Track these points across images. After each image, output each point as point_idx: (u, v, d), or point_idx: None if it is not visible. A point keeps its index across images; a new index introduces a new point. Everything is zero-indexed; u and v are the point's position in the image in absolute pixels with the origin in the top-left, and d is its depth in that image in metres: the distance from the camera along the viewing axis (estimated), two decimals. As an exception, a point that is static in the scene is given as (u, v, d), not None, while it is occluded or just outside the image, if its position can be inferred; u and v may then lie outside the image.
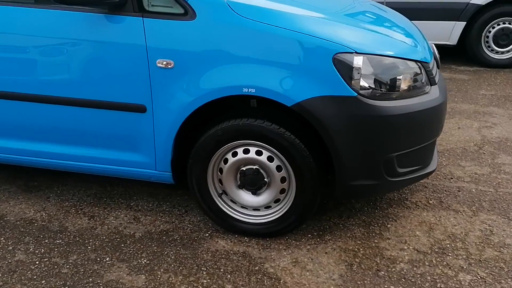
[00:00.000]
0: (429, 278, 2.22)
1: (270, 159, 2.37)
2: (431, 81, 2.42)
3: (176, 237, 2.58)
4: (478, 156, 3.48)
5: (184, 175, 2.60)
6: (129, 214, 2.80)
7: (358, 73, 2.15)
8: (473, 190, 3.00)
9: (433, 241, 2.49)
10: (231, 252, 2.44)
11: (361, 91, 2.17)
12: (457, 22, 5.68)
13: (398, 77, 2.24)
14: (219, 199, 2.53)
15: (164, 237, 2.58)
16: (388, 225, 2.64)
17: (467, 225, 2.63)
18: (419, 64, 2.33)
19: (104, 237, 2.58)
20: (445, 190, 3.00)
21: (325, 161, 2.36)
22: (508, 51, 5.79)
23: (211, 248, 2.47)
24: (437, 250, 2.42)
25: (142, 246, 2.50)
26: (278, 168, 2.38)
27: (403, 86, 2.26)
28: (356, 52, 2.15)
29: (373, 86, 2.19)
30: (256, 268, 2.32)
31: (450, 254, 2.38)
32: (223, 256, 2.41)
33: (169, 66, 2.29)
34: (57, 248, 2.49)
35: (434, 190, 3.00)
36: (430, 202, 2.87)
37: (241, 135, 2.33)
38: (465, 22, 5.67)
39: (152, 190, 3.06)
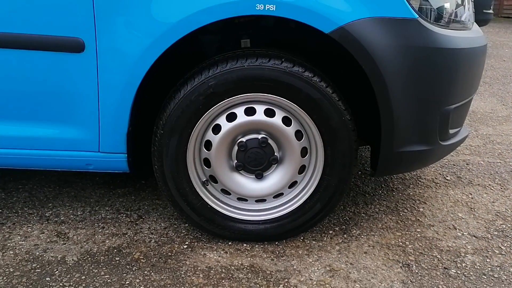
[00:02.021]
0: (513, 270, 1.63)
1: (286, 121, 1.59)
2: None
3: (137, 255, 1.64)
4: (459, 128, 3.07)
5: (141, 160, 1.70)
6: (48, 229, 1.78)
7: (418, -15, 1.49)
8: (482, 163, 2.53)
9: (484, 222, 1.92)
10: (233, 267, 1.59)
11: (422, 13, 1.51)
12: None
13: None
14: (203, 190, 1.67)
15: (117, 258, 1.62)
16: (420, 209, 2.01)
17: (505, 200, 2.12)
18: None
19: (11, 269, 1.54)
20: (454, 165, 2.48)
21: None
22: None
23: (199, 265, 1.59)
24: (496, 233, 1.85)
25: (83, 277, 1.52)
26: (298, 135, 1.60)
27: (465, 12, 1.67)
28: (415, -48, 1.50)
29: (438, 6, 1.55)
30: (280, 287, 1.51)
31: (515, 237, 1.83)
32: (223, 275, 1.55)
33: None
34: None
35: (442, 166, 2.47)
36: (448, 178, 2.32)
37: (246, 85, 1.51)
38: None
39: (75, 192, 2.05)
